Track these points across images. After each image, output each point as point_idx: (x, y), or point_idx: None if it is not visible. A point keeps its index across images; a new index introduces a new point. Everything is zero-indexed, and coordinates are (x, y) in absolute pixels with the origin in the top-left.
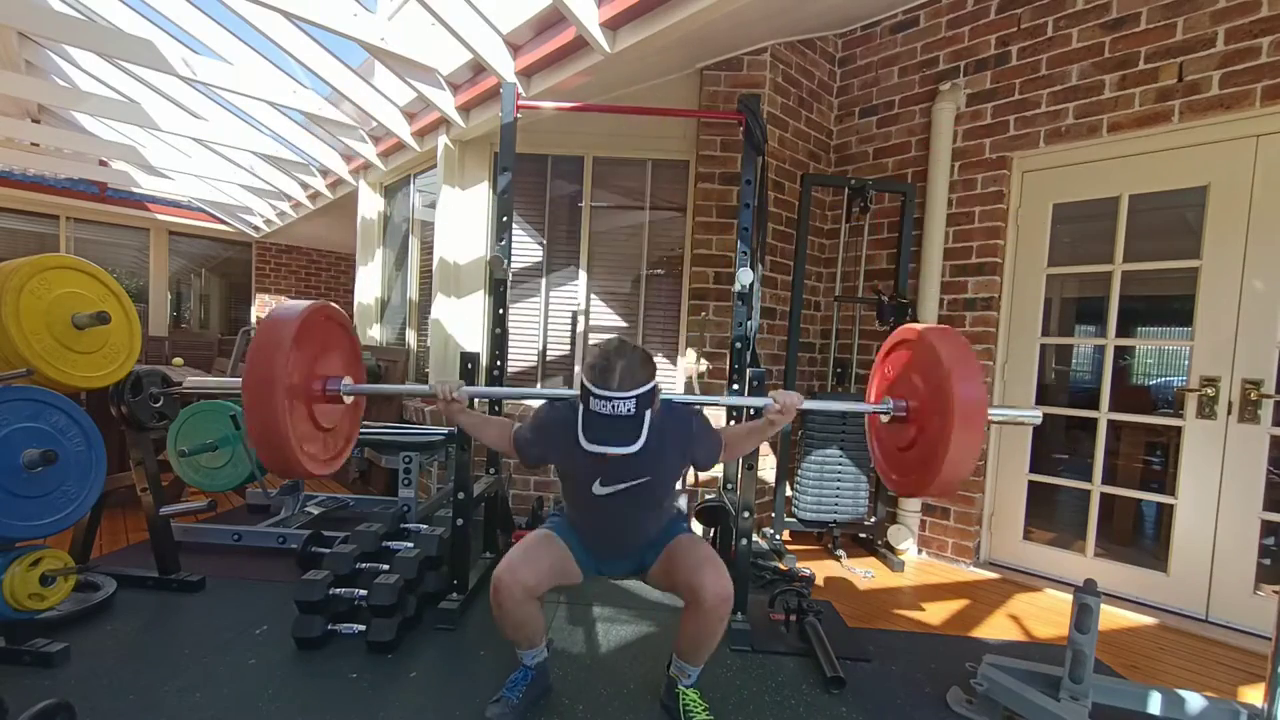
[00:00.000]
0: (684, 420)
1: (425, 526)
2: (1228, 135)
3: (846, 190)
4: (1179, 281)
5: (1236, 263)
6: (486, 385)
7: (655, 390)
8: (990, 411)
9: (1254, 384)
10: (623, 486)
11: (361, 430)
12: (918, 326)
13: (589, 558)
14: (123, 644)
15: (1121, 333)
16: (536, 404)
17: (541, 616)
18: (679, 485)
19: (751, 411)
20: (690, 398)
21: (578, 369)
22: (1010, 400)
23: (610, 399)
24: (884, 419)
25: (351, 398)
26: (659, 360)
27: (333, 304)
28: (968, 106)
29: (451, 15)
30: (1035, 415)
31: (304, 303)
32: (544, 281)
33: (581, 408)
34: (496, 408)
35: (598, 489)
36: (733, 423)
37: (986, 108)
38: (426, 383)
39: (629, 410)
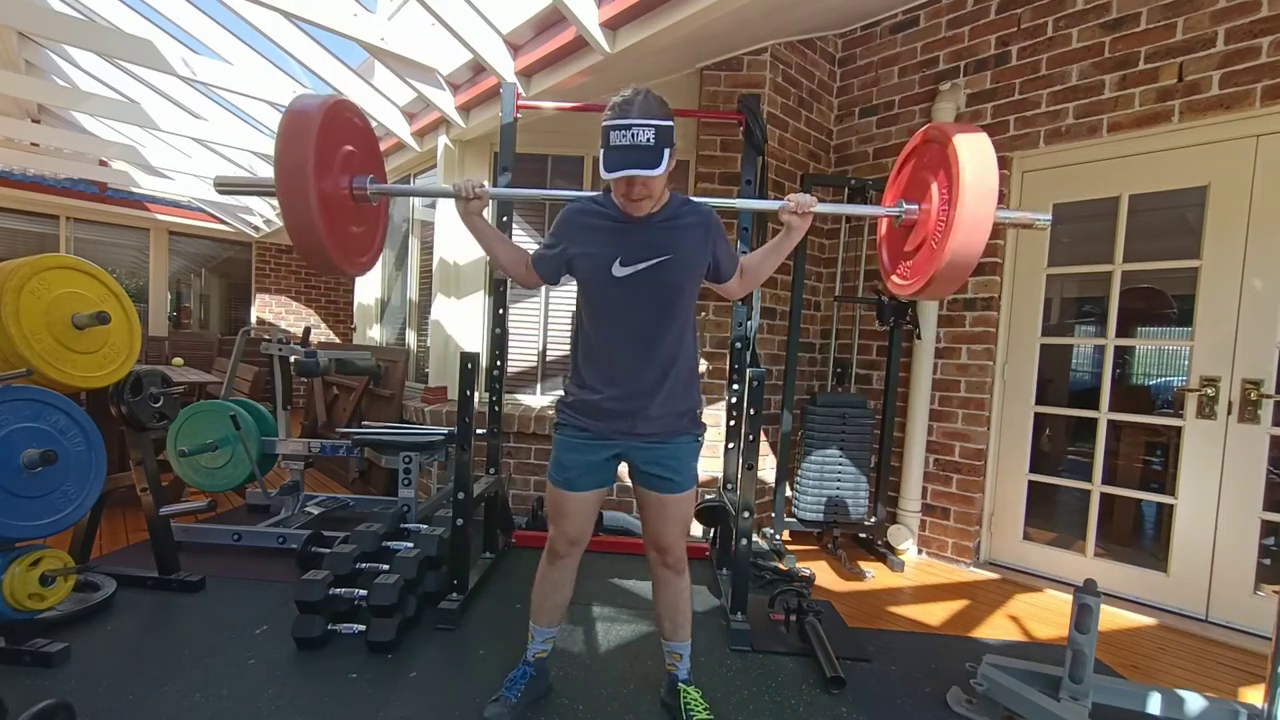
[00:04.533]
0: (704, 213)
1: (425, 526)
2: (1228, 135)
3: (846, 190)
4: (1179, 281)
5: (1236, 263)
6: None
7: (673, 131)
8: (999, 213)
9: (1254, 384)
10: (643, 266)
11: (361, 430)
12: (944, 124)
13: (597, 427)
14: (122, 644)
15: (1121, 333)
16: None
17: (573, 583)
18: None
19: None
20: (705, 199)
21: None
22: (1010, 402)
23: (629, 127)
24: (895, 223)
25: (377, 199)
26: None
27: (349, 99)
28: (968, 106)
29: (451, 15)
30: (1046, 217)
31: (322, 95)
32: None
33: (603, 150)
34: (506, 219)
35: (617, 269)
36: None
37: (986, 108)
38: (428, 381)
39: (649, 139)
